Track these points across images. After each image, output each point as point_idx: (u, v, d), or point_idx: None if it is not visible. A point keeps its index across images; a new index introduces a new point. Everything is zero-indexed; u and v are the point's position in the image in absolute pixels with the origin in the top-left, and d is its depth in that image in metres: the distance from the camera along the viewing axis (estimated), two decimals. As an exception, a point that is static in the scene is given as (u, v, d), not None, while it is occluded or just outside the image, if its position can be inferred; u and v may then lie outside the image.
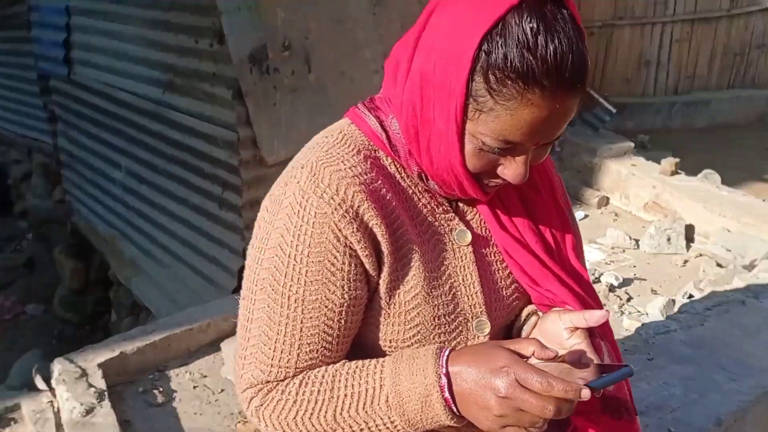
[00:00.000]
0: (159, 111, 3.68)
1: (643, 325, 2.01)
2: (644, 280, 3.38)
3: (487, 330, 0.97)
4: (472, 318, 0.97)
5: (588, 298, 1.03)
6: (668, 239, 3.70)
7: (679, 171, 4.26)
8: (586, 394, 0.75)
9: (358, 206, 0.86)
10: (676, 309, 2.82)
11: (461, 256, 0.97)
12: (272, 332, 0.88)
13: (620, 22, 6.80)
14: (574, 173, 4.60)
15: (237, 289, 3.32)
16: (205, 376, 2.75)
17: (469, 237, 0.97)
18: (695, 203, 3.86)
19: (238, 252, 3.31)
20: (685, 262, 3.59)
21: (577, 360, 0.90)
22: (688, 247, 3.74)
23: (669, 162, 4.23)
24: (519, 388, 0.76)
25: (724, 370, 1.73)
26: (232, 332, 3.05)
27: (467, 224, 0.99)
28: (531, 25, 0.76)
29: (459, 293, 0.96)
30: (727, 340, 1.87)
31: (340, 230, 0.86)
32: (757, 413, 1.64)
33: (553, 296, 0.99)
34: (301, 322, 0.88)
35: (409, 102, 0.86)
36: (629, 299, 3.13)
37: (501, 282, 1.01)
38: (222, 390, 2.66)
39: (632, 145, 4.66)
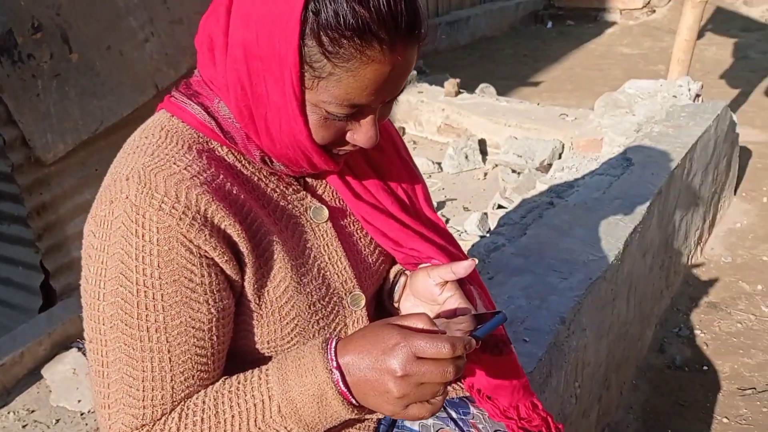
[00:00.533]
0: None
1: (473, 245, 2.12)
2: (454, 199, 3.58)
3: (363, 302, 0.94)
4: (345, 294, 0.93)
5: (450, 247, 1.04)
6: (466, 156, 3.94)
7: (461, 90, 4.51)
8: (473, 344, 0.73)
9: (205, 209, 0.76)
10: (491, 223, 3.02)
11: (322, 234, 0.92)
12: (136, 371, 0.77)
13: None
14: (367, 109, 4.68)
15: (43, 308, 2.98)
16: (32, 411, 2.47)
17: (326, 213, 0.93)
18: (481, 117, 4.13)
19: (34, 267, 2.94)
20: (485, 174, 3.85)
21: (452, 314, 0.91)
22: (484, 160, 4.01)
23: (451, 83, 4.45)
24: (416, 361, 0.71)
25: (555, 271, 1.88)
26: (50, 355, 2.74)
27: (321, 199, 0.94)
28: None
29: (328, 272, 0.91)
30: (548, 242, 2.04)
31: (190, 241, 0.76)
32: (588, 302, 1.82)
33: (418, 254, 0.98)
34: (169, 351, 0.77)
35: (236, 80, 0.77)
36: (447, 221, 3.29)
37: (365, 250, 0.99)
38: (57, 420, 2.41)
39: (414, 72, 4.83)
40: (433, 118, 4.36)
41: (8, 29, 2.57)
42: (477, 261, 0.93)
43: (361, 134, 0.82)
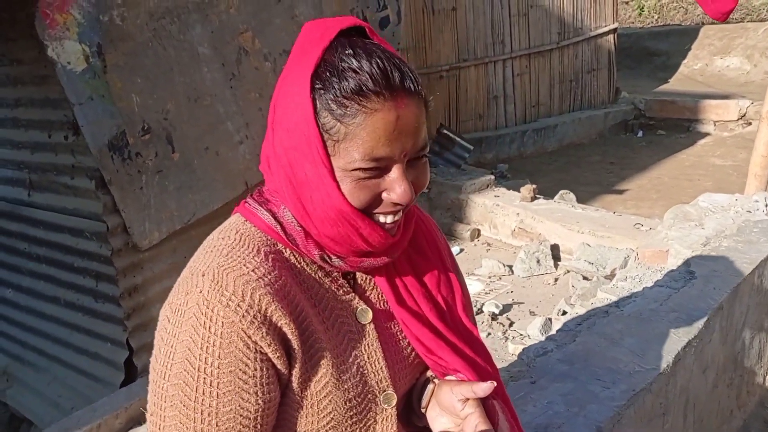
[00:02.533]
0: (15, 210, 3.51)
1: (523, 350, 2.15)
2: (522, 303, 3.60)
3: (394, 402, 1.02)
4: (379, 392, 1.00)
5: (479, 359, 1.10)
6: (537, 261, 3.97)
7: (538, 195, 4.60)
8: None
9: (266, 309, 0.86)
10: (553, 328, 3.03)
11: (365, 335, 1.00)
12: None
13: (465, 63, 7.28)
14: (444, 211, 4.84)
15: (125, 383, 3.20)
16: (103, 481, 2.62)
17: (370, 315, 1.01)
18: (555, 223, 4.18)
19: (121, 343, 3.19)
20: (556, 280, 3.86)
21: (472, 430, 0.97)
22: (556, 265, 4.03)
23: (527, 189, 4.55)
24: None
25: (598, 380, 1.89)
26: (125, 429, 2.93)
27: (367, 301, 1.03)
28: (348, 52, 0.84)
29: (366, 371, 0.99)
30: (596, 351, 2.04)
31: (249, 337, 0.85)
32: (630, 414, 1.81)
33: (445, 364, 1.05)
34: None
35: (285, 178, 0.90)
36: (511, 324, 3.32)
37: (404, 352, 1.06)
38: (124, 491, 2.54)
39: (492, 177, 4.98)
40: (508, 221, 4.45)
41: (122, 131, 2.95)
42: (495, 384, 0.98)
43: (395, 190, 0.89)
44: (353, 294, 1.01)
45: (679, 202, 5.80)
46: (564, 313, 3.16)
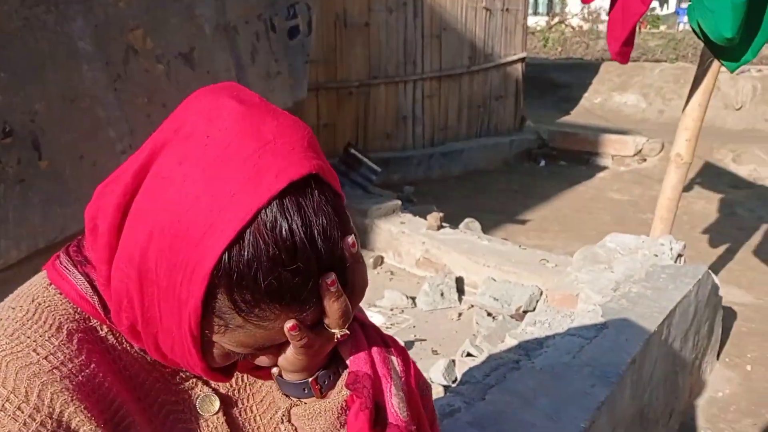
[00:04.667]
0: None
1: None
2: (424, 340, 3.41)
3: None
4: None
5: None
6: (441, 294, 3.81)
7: (444, 224, 4.45)
8: None
9: (60, 413, 0.64)
10: (457, 371, 2.84)
11: (212, 429, 0.79)
12: None
13: (375, 81, 7.12)
14: (348, 235, 4.61)
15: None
16: None
17: (216, 404, 0.79)
18: (461, 255, 4.04)
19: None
20: (460, 315, 3.70)
21: None
22: (460, 299, 3.88)
23: (434, 217, 4.40)
24: None
25: (511, 449, 1.70)
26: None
27: (212, 386, 0.81)
28: (283, 232, 0.60)
29: None
30: (508, 412, 1.87)
31: None
32: (545, 489, 1.63)
33: None
34: None
35: (122, 292, 0.67)
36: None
37: None
38: None
39: (399, 202, 4.80)
40: (413, 250, 4.27)
41: (-24, 132, 2.52)
42: None
43: (266, 361, 0.73)
44: (194, 380, 0.78)
45: (580, 235, 5.87)
46: (469, 354, 3.00)
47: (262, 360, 0.73)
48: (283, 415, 0.79)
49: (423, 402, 0.85)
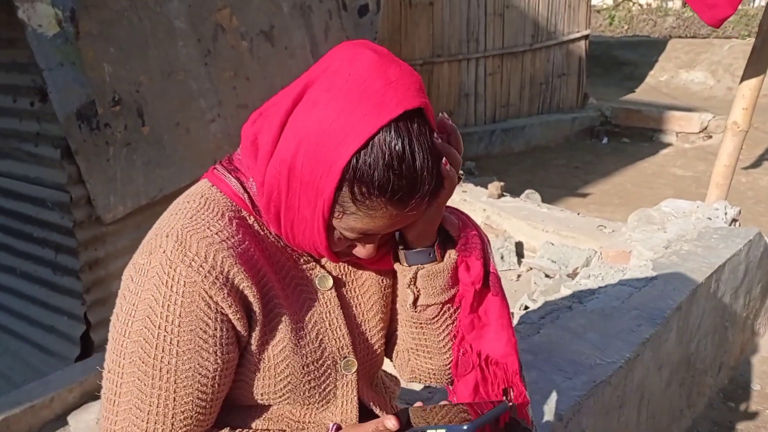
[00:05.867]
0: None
1: (488, 339, 2.18)
2: (485, 297, 3.63)
3: (354, 368, 1.04)
4: (340, 359, 1.02)
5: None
6: (501, 257, 4.02)
7: (505, 193, 4.65)
8: (390, 423, 0.88)
9: (228, 271, 0.87)
10: (515, 321, 3.06)
11: (326, 302, 1.02)
12: (144, 404, 0.87)
13: (439, 59, 7.30)
14: (412, 203, 4.85)
15: (80, 358, 3.13)
16: (54, 456, 2.57)
17: (330, 282, 1.03)
18: (521, 221, 4.23)
19: (78, 317, 3.12)
20: (519, 276, 3.91)
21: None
22: (519, 262, 4.08)
23: (495, 186, 4.60)
24: None
25: (561, 371, 1.93)
26: (79, 403, 2.87)
27: (328, 269, 1.05)
28: (396, 146, 0.80)
29: (326, 338, 1.01)
30: (559, 343, 2.08)
31: (210, 297, 0.86)
32: (590, 404, 1.85)
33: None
34: (175, 392, 0.88)
35: (274, 186, 0.88)
36: (474, 317, 3.35)
37: (365, 318, 1.08)
38: (75, 467, 2.49)
39: (462, 173, 5.00)
40: (474, 216, 4.47)
41: (92, 100, 2.88)
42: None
43: (363, 251, 0.95)
44: (314, 263, 1.02)
45: (641, 208, 5.94)
46: (526, 308, 3.21)
47: (368, 248, 0.95)
48: (411, 280, 1.03)
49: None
